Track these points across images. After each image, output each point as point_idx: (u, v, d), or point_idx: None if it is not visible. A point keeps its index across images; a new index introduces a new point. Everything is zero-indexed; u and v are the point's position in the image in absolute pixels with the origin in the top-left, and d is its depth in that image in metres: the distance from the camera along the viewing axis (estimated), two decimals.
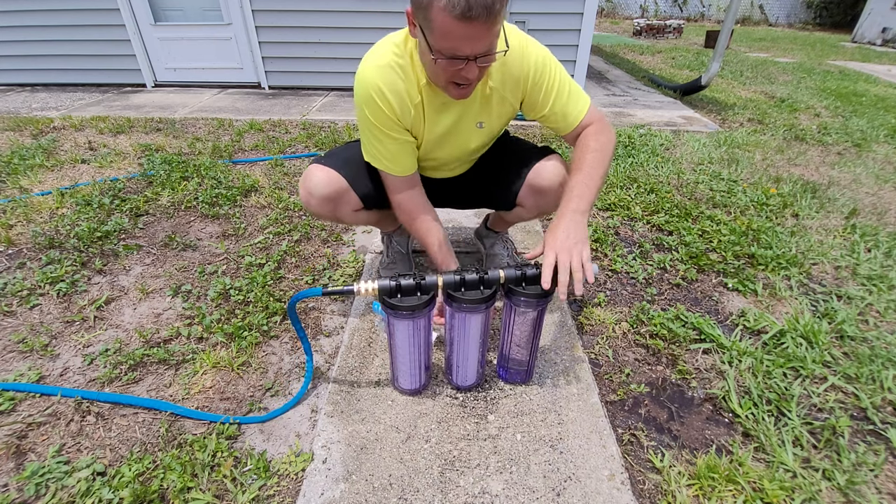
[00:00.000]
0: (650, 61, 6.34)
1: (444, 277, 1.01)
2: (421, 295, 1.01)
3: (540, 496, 0.96)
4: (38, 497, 0.95)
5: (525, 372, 1.20)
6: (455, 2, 0.82)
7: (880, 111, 3.96)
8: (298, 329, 1.13)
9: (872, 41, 9.52)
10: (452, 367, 1.17)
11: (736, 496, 0.97)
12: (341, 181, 1.23)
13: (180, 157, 2.60)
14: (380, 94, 1.06)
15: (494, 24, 0.86)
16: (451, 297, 1.02)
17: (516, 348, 1.15)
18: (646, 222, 2.05)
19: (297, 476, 1.00)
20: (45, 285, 1.58)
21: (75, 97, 3.92)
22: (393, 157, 1.16)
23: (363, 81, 1.08)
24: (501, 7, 0.85)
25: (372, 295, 1.01)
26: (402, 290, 1.00)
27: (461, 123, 1.17)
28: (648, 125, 3.41)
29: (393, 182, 1.20)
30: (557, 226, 1.03)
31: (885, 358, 1.32)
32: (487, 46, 0.90)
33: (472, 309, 1.02)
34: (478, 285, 1.02)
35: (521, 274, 1.02)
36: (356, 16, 3.86)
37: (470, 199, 1.49)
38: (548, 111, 1.14)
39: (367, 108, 1.09)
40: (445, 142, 1.21)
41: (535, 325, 1.10)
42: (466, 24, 0.84)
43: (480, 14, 0.82)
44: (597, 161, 1.09)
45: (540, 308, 1.06)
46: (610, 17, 13.42)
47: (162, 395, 1.20)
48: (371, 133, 1.13)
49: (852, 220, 2.10)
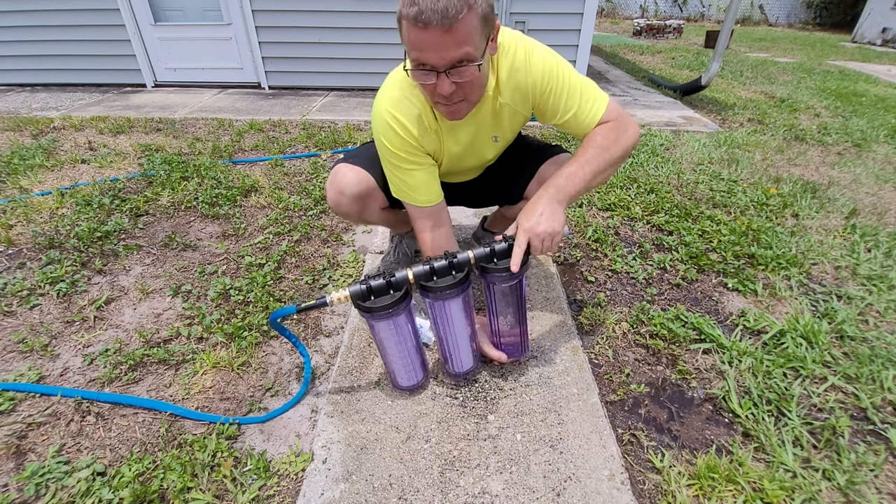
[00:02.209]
0: (650, 61, 6.34)
1: (414, 270, 1.01)
2: (394, 293, 1.01)
3: (540, 496, 0.96)
4: (38, 497, 0.96)
5: (519, 344, 1.21)
6: (409, 9, 0.82)
7: (880, 111, 3.96)
8: (287, 335, 1.12)
9: (872, 41, 9.52)
10: (447, 357, 1.18)
11: (736, 496, 0.97)
12: (370, 179, 1.24)
13: (180, 157, 2.60)
14: (396, 122, 1.07)
15: (453, 30, 0.83)
16: (426, 287, 1.02)
17: (504, 321, 1.16)
18: (646, 222, 2.05)
19: (297, 476, 1.00)
20: (45, 285, 1.58)
21: (75, 97, 3.92)
22: (418, 186, 1.15)
23: (378, 114, 1.09)
24: (458, 14, 0.81)
25: (346, 302, 1.01)
26: (374, 292, 1.00)
27: (477, 140, 1.18)
28: (648, 125, 3.41)
29: (419, 216, 1.19)
30: (533, 209, 1.01)
31: (885, 358, 1.32)
32: (454, 56, 0.87)
33: (448, 296, 1.03)
34: (448, 271, 1.01)
35: (489, 251, 1.02)
36: (356, 16, 3.86)
37: (482, 199, 1.50)
38: (558, 118, 1.10)
39: (385, 139, 1.10)
40: (463, 158, 1.22)
41: (517, 296, 1.10)
42: (423, 31, 0.83)
43: (432, 18, 0.81)
44: (594, 157, 1.05)
45: (517, 279, 1.06)
46: (610, 17, 13.41)
47: (162, 396, 1.20)
48: (393, 165, 1.13)
49: (852, 220, 2.10)
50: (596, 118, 1.08)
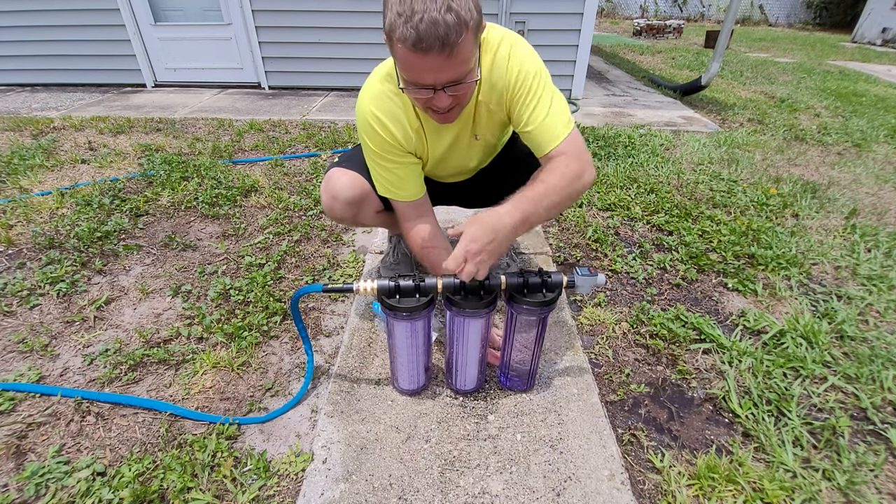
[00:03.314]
0: (650, 61, 6.34)
1: (444, 281, 1.00)
2: (420, 297, 1.00)
3: (540, 496, 0.96)
4: (38, 497, 0.96)
5: (527, 379, 1.19)
6: (407, 34, 0.79)
7: (880, 111, 3.96)
8: (300, 327, 1.13)
9: (872, 41, 9.52)
10: (452, 370, 1.17)
11: (736, 496, 0.97)
12: (364, 183, 1.23)
13: (180, 158, 2.60)
14: (378, 122, 1.07)
15: (453, 54, 0.82)
16: (451, 301, 1.01)
17: (518, 355, 1.13)
18: (646, 222, 2.05)
19: (297, 476, 1.00)
20: (45, 285, 1.58)
21: (75, 97, 3.92)
22: (401, 182, 1.15)
23: (361, 113, 1.09)
24: (458, 38, 0.80)
25: (371, 294, 1.00)
26: (402, 292, 0.99)
27: (460, 139, 1.17)
28: (648, 125, 3.41)
29: (404, 210, 1.19)
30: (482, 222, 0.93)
31: (885, 358, 1.32)
32: (452, 76, 0.86)
33: (472, 314, 1.02)
34: (478, 291, 1.00)
35: (523, 281, 1.00)
36: (356, 16, 3.86)
37: (474, 200, 1.50)
38: (521, 127, 1.04)
39: (367, 138, 1.10)
40: (447, 156, 1.21)
41: (538, 332, 1.08)
42: (422, 56, 0.81)
43: (433, 45, 0.79)
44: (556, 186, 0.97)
45: (543, 315, 1.04)
46: (610, 17, 13.41)
47: (162, 396, 1.20)
48: (376, 163, 1.13)
49: (852, 220, 2.10)
50: (555, 141, 1.00)
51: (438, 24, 0.77)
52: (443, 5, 0.77)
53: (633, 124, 3.44)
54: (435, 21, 0.77)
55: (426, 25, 0.77)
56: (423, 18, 0.77)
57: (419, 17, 0.77)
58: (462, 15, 0.79)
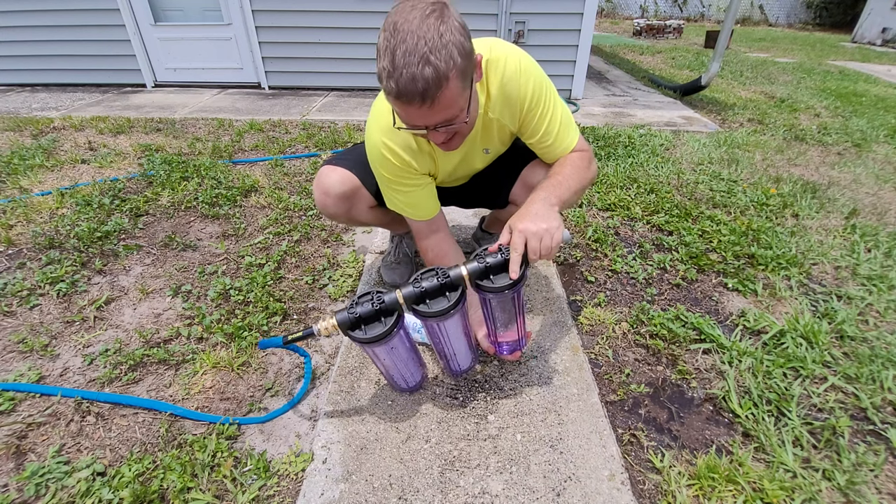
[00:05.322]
0: (650, 61, 6.34)
1: (404, 291, 0.96)
2: (385, 319, 0.96)
3: (540, 496, 0.96)
4: (38, 497, 0.96)
5: (517, 341, 1.20)
6: (389, 88, 0.80)
7: (880, 111, 3.96)
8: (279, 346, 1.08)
9: (872, 41, 9.52)
10: (445, 360, 1.18)
11: (736, 496, 0.97)
12: (354, 179, 1.26)
13: (180, 158, 2.60)
14: (391, 151, 1.08)
15: (435, 104, 0.82)
16: (418, 311, 0.97)
17: (503, 329, 1.15)
18: (646, 222, 2.05)
19: (297, 476, 1.00)
20: (45, 285, 1.58)
21: (75, 97, 3.92)
22: (416, 203, 1.18)
23: (372, 144, 1.10)
24: (438, 90, 0.80)
25: (334, 331, 0.96)
26: (364, 320, 0.95)
27: (470, 154, 1.19)
28: (648, 125, 3.41)
29: (419, 228, 1.22)
30: (526, 211, 0.98)
31: (885, 358, 1.32)
32: (440, 119, 0.87)
33: (443, 317, 0.98)
34: (441, 291, 0.97)
35: (485, 266, 0.97)
36: (356, 16, 3.86)
37: (472, 201, 1.51)
38: (536, 139, 1.13)
39: (380, 167, 1.12)
40: (456, 171, 1.24)
41: (515, 305, 1.06)
42: (407, 106, 0.83)
43: (414, 99, 0.80)
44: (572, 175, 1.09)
45: (514, 293, 1.01)
46: (610, 17, 13.41)
47: (162, 396, 1.20)
48: (391, 188, 1.16)
49: (852, 221, 2.10)
50: (569, 150, 1.15)
51: (417, 80, 0.78)
52: (421, 59, 0.77)
53: (633, 124, 3.44)
54: (413, 77, 0.77)
55: (405, 81, 0.78)
56: (403, 74, 0.78)
57: (399, 72, 0.78)
58: (441, 67, 0.78)
